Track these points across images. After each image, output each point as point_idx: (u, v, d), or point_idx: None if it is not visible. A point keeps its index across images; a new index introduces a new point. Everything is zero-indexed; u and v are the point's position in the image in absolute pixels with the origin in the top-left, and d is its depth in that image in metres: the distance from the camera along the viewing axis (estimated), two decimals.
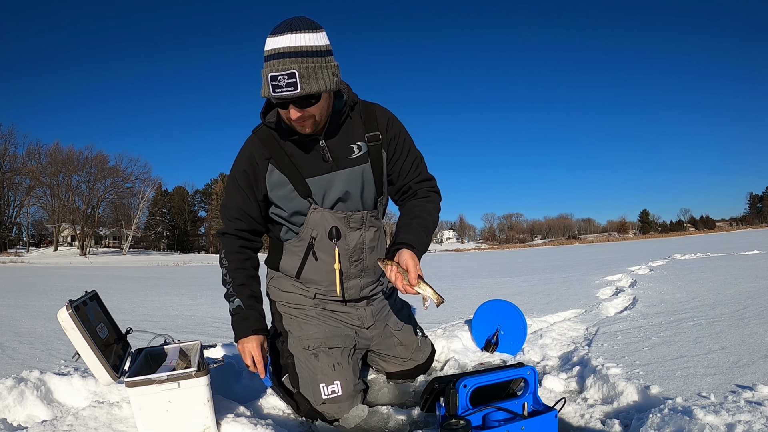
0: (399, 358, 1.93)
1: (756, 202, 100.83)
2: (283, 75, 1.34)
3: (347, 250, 1.68)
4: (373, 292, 1.84)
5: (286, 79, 1.34)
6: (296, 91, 1.35)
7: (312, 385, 1.66)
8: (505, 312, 2.27)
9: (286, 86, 1.35)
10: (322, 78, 1.38)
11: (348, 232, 1.67)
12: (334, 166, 1.59)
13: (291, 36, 1.36)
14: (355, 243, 1.69)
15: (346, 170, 1.61)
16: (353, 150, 1.61)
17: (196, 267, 21.81)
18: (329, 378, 1.66)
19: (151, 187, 53.71)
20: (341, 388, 1.66)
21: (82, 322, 1.34)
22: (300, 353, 1.72)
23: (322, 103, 1.46)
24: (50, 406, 1.65)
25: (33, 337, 3.11)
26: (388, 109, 1.71)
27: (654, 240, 41.44)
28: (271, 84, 1.35)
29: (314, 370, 1.67)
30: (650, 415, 1.31)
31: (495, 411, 1.35)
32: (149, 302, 5.57)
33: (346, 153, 1.60)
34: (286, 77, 1.34)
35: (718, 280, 4.46)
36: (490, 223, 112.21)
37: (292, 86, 1.35)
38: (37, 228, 54.26)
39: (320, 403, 1.65)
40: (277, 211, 1.69)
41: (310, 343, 1.72)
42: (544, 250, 33.42)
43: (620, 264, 8.54)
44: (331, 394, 1.64)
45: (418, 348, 1.97)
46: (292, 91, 1.35)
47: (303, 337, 1.73)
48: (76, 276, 12.91)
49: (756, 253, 8.47)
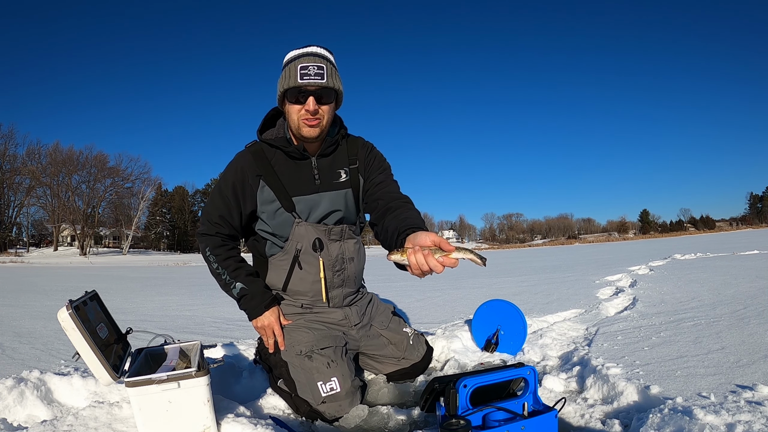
0: (392, 357, 1.95)
1: (756, 202, 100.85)
2: (313, 66, 1.57)
3: (330, 260, 1.78)
4: (354, 301, 1.94)
5: (315, 69, 1.56)
6: (322, 80, 1.58)
7: (310, 386, 1.67)
8: (505, 312, 2.27)
9: (315, 75, 1.56)
10: (339, 81, 1.65)
11: (329, 244, 1.78)
12: (320, 187, 1.75)
13: (318, 48, 1.64)
14: (336, 253, 1.79)
15: (333, 192, 1.77)
16: (341, 174, 1.78)
17: (196, 267, 21.81)
18: (326, 375, 1.67)
19: (151, 187, 53.80)
20: (339, 384, 1.66)
21: (82, 322, 1.34)
22: (293, 359, 1.73)
23: (332, 108, 1.67)
24: (50, 406, 1.65)
25: (33, 337, 3.11)
26: (372, 143, 1.90)
27: (654, 240, 41.44)
28: (301, 72, 1.56)
29: (310, 371, 1.69)
30: (650, 415, 1.31)
31: (495, 411, 1.35)
32: (149, 302, 5.57)
33: (335, 177, 1.78)
34: (316, 68, 1.57)
35: (718, 280, 4.46)
36: (490, 223, 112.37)
37: (320, 76, 1.57)
38: (37, 228, 54.29)
39: (320, 403, 1.65)
40: (263, 226, 1.80)
41: (302, 348, 1.73)
42: (544, 250, 33.42)
43: (620, 264, 8.54)
44: (329, 392, 1.65)
45: (410, 346, 1.98)
46: (319, 80, 1.57)
47: (294, 344, 1.75)
48: (76, 276, 12.91)
49: (756, 253, 8.47)
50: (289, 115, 1.65)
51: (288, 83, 1.59)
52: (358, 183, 1.82)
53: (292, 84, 1.58)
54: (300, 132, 1.65)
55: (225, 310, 4.63)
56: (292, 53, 1.63)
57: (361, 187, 1.82)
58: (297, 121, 1.63)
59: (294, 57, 1.61)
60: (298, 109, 1.61)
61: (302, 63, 1.57)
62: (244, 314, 1.81)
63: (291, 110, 1.64)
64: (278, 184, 1.71)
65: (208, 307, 4.94)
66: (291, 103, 1.63)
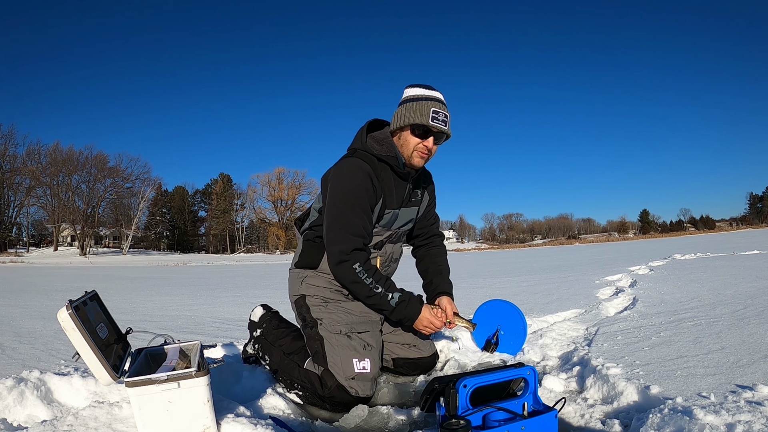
0: (404, 344, 2.06)
1: (756, 202, 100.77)
2: (443, 113, 1.83)
3: (384, 258, 2.00)
4: None
5: (443, 116, 1.83)
6: (446, 128, 1.84)
7: (344, 360, 1.77)
8: (505, 312, 2.27)
9: (442, 122, 1.82)
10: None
11: (386, 244, 2.00)
12: (405, 203, 1.99)
13: (441, 95, 1.88)
14: (389, 253, 2.02)
15: (412, 208, 2.04)
16: (418, 194, 2.06)
17: (196, 267, 21.83)
18: (361, 355, 1.81)
19: (151, 187, 53.72)
20: (370, 366, 1.79)
21: (82, 322, 1.34)
22: (331, 336, 1.83)
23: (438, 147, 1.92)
24: (50, 406, 1.65)
25: (33, 337, 3.11)
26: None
27: (654, 240, 41.44)
28: (432, 116, 1.81)
29: (347, 348, 1.81)
30: (650, 415, 1.31)
31: (495, 411, 1.35)
32: (149, 302, 5.57)
33: (414, 195, 2.04)
34: (444, 116, 1.83)
35: (718, 280, 4.47)
36: (490, 223, 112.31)
37: (445, 124, 1.84)
38: (37, 228, 54.28)
39: (350, 378, 1.74)
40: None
41: (342, 328, 1.85)
42: (544, 250, 33.43)
43: (620, 264, 8.55)
44: (362, 370, 1.77)
45: (422, 341, 2.08)
46: (444, 127, 1.83)
47: (334, 322, 1.87)
48: (76, 276, 12.92)
49: (756, 253, 8.47)
50: (407, 143, 1.87)
51: (419, 119, 1.80)
52: (422, 202, 2.12)
53: (423, 121, 1.80)
54: (411, 161, 1.89)
55: (225, 310, 4.63)
56: (423, 92, 1.85)
57: (422, 208, 2.13)
58: (412, 151, 1.87)
59: (425, 97, 1.83)
60: (416, 142, 1.85)
61: (434, 108, 1.81)
62: (244, 314, 1.81)
63: (410, 140, 1.86)
64: (385, 199, 1.91)
65: (208, 307, 4.94)
66: (414, 135, 1.85)
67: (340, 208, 1.79)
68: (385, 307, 1.82)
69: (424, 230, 2.18)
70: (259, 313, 2.10)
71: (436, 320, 1.87)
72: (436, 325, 1.87)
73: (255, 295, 6.42)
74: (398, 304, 1.81)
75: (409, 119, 1.82)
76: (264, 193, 61.69)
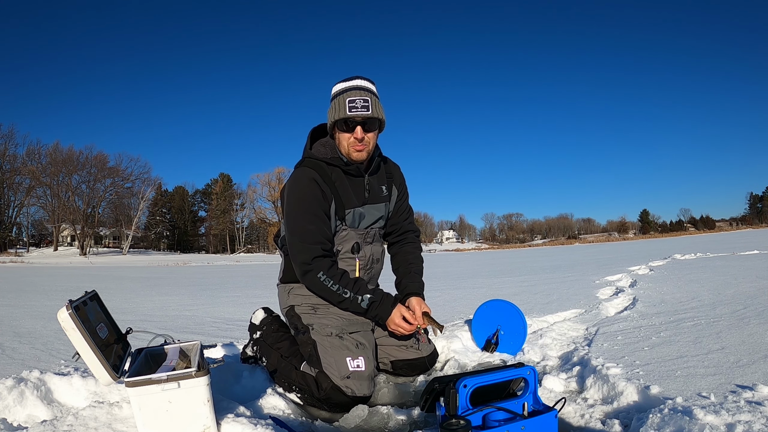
0: (401, 345, 2.04)
1: (756, 202, 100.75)
2: (359, 99, 1.77)
3: (364, 261, 1.99)
4: None
5: (362, 102, 1.77)
6: (368, 112, 1.78)
7: (337, 360, 1.77)
8: (505, 312, 2.27)
9: (361, 107, 1.77)
10: (381, 110, 1.86)
11: (364, 246, 1.98)
12: (369, 200, 1.97)
13: (362, 81, 1.84)
14: (369, 255, 2.00)
15: (378, 204, 2.01)
16: (383, 189, 2.03)
17: (196, 267, 21.83)
18: (354, 353, 1.80)
19: (151, 187, 53.82)
20: (365, 364, 1.78)
21: (82, 322, 1.34)
22: (323, 339, 1.84)
23: (375, 134, 1.89)
24: (50, 406, 1.65)
25: (33, 337, 3.11)
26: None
27: (654, 240, 41.46)
28: (349, 105, 1.77)
29: (339, 348, 1.81)
30: (650, 415, 1.31)
31: (495, 411, 1.35)
32: (149, 302, 5.57)
33: (380, 191, 2.02)
34: (362, 101, 1.78)
35: (718, 280, 4.47)
36: (490, 223, 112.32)
37: (366, 108, 1.78)
38: (37, 228, 54.30)
39: (345, 377, 1.74)
40: None
41: (333, 330, 1.86)
42: (544, 250, 33.44)
43: (620, 264, 8.55)
44: (356, 368, 1.77)
45: (419, 342, 2.06)
46: (365, 112, 1.78)
47: (324, 326, 1.88)
48: (76, 276, 12.92)
49: (756, 253, 8.48)
50: (340, 142, 1.87)
51: (338, 114, 1.80)
52: (392, 198, 2.10)
53: (342, 115, 1.79)
54: (350, 156, 1.86)
55: (225, 310, 4.63)
56: (340, 86, 1.83)
57: (392, 202, 2.10)
58: (347, 147, 1.85)
59: (342, 90, 1.81)
60: (347, 137, 1.83)
61: (350, 96, 1.78)
62: (244, 314, 1.82)
63: (342, 137, 1.85)
64: (339, 200, 1.90)
65: (208, 307, 4.94)
66: (341, 131, 1.84)
67: (292, 218, 1.84)
68: (358, 310, 1.83)
69: (397, 226, 2.15)
70: (260, 316, 2.11)
71: (404, 323, 1.84)
72: (405, 327, 1.84)
73: (255, 295, 6.43)
74: (369, 305, 1.82)
75: (332, 117, 1.83)
76: (264, 193, 61.79)
